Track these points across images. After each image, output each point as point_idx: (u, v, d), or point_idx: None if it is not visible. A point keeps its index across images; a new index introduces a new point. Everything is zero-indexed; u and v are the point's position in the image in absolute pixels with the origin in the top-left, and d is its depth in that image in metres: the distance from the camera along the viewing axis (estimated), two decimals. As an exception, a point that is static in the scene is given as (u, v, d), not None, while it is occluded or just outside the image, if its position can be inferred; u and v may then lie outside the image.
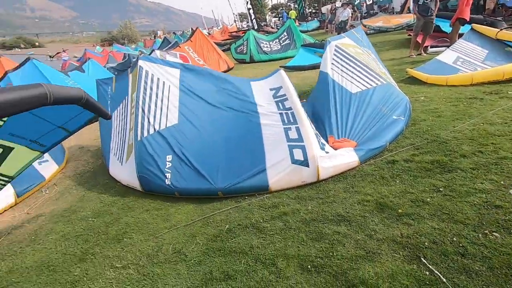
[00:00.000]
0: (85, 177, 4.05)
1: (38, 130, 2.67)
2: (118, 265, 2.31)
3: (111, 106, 4.28)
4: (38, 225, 3.05)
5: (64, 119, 2.80)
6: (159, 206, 3.05)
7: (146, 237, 2.60)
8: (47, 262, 2.47)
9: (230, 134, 3.38)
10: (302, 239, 2.27)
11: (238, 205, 2.82)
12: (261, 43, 12.73)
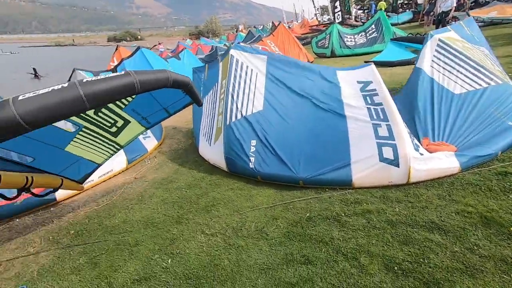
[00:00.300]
0: (178, 153, 4.60)
1: (150, 109, 3.16)
2: (208, 232, 2.60)
3: (203, 92, 4.74)
4: (143, 188, 3.62)
5: (169, 102, 3.25)
6: (242, 187, 3.29)
7: (231, 212, 2.85)
8: (151, 219, 2.93)
9: (313, 124, 3.39)
10: (388, 239, 2.18)
11: (319, 196, 2.84)
12: (345, 37, 12.17)
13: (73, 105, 1.85)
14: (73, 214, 3.24)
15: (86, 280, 2.25)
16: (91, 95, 1.89)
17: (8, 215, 3.25)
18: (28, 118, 1.72)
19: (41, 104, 1.75)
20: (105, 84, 1.99)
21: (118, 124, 2.96)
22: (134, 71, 2.17)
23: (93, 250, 2.59)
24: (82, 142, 2.90)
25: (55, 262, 2.49)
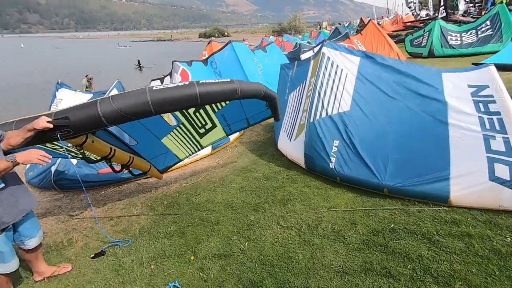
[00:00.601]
0: (257, 145, 4.80)
1: (236, 117, 3.40)
2: (283, 224, 2.67)
3: (289, 88, 4.80)
4: (225, 173, 3.91)
5: (252, 113, 3.43)
6: (319, 186, 3.24)
7: (307, 209, 2.85)
8: (231, 203, 3.15)
9: (406, 129, 3.09)
10: (493, 272, 1.86)
11: (406, 208, 2.60)
12: (449, 35, 10.65)
13: (189, 100, 2.15)
14: (166, 188, 3.71)
15: (175, 245, 2.57)
16: (204, 94, 2.16)
17: (120, 180, 3.92)
18: (156, 104, 2.05)
19: (167, 95, 2.07)
20: (216, 86, 2.27)
21: (207, 127, 3.33)
22: (238, 81, 2.39)
23: (181, 221, 2.93)
24: (176, 137, 3.33)
25: (152, 226, 2.92)
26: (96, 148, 2.45)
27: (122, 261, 2.45)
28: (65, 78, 14.84)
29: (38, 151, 1.73)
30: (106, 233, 2.79)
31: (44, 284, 2.29)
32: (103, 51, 49.63)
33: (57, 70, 24.61)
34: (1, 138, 1.85)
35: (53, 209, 3.48)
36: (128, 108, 2.00)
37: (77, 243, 2.77)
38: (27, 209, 1.96)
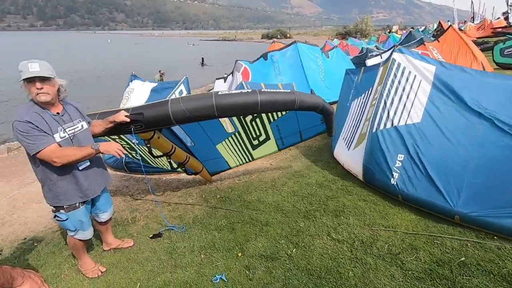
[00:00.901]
0: (312, 150, 4.70)
1: (290, 129, 3.37)
2: (334, 236, 2.55)
3: (352, 95, 4.58)
4: (277, 175, 3.91)
5: (306, 126, 3.35)
6: (377, 201, 3.03)
7: (361, 224, 2.68)
8: (281, 206, 3.13)
9: (492, 151, 2.69)
10: None
11: (482, 242, 2.27)
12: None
13: (250, 107, 2.23)
14: (220, 182, 3.86)
15: (225, 239, 2.65)
16: (264, 102, 2.23)
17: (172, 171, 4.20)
18: (220, 109, 2.18)
19: (231, 101, 2.18)
20: (275, 96, 2.33)
21: (261, 138, 3.39)
22: (298, 92, 2.40)
23: (232, 216, 3.01)
24: (230, 145, 3.46)
25: (204, 216, 3.06)
26: (160, 144, 2.68)
27: (176, 245, 2.62)
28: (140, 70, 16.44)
29: (117, 144, 1.96)
30: (164, 217, 3.01)
31: (110, 253, 2.57)
32: (175, 48, 53.87)
33: (135, 62, 27.54)
34: (89, 123, 2.13)
35: (122, 188, 3.89)
36: (194, 110, 2.17)
37: (139, 222, 3.06)
38: (104, 184, 2.22)
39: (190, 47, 54.90)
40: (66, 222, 2.02)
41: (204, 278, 2.22)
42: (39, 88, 1.71)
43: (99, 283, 2.25)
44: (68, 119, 1.91)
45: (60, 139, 1.82)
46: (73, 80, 17.04)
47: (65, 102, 1.97)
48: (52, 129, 1.79)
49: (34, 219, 3.25)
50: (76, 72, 21.15)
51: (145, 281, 2.24)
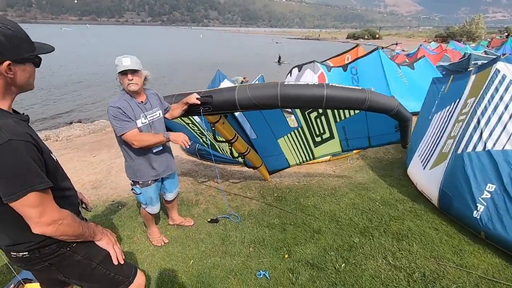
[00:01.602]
0: (382, 164, 4.34)
1: (357, 132, 3.13)
2: (391, 261, 2.34)
3: (436, 107, 4.05)
4: (338, 184, 3.75)
5: (376, 132, 3.06)
6: (451, 233, 2.65)
7: (426, 255, 2.39)
8: (337, 217, 3.01)
9: None
10: None
11: None
12: None
13: (315, 100, 2.18)
14: (279, 181, 3.92)
15: (274, 238, 2.71)
16: (330, 97, 2.14)
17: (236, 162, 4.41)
18: (283, 99, 2.19)
19: (296, 91, 2.17)
20: (344, 92, 2.21)
21: (324, 136, 3.24)
22: (369, 91, 2.23)
23: (285, 217, 3.04)
24: (292, 140, 3.41)
25: (259, 212, 3.16)
26: (224, 129, 2.84)
27: (229, 234, 2.80)
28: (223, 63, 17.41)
29: (185, 136, 2.17)
30: (221, 206, 3.23)
31: (173, 228, 2.90)
32: (258, 45, 55.84)
33: (221, 56, 29.69)
34: (168, 109, 2.42)
35: (192, 172, 4.30)
36: (259, 97, 2.22)
37: (201, 205, 3.35)
38: (172, 167, 2.50)
39: (273, 45, 56.10)
40: (140, 196, 2.36)
41: (248, 270, 2.32)
42: (130, 79, 2.04)
43: (160, 251, 2.57)
44: (149, 107, 2.22)
45: (141, 124, 2.14)
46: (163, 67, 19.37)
47: (148, 92, 2.28)
48: (136, 115, 2.11)
49: (122, 186, 3.87)
50: (170, 61, 23.94)
51: (197, 260, 2.46)
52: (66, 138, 6.57)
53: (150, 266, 2.41)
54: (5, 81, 1.01)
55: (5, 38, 0.96)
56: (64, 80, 16.50)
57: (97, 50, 35.52)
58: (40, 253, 1.16)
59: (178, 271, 2.34)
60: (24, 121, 1.11)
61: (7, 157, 0.94)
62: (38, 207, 1.03)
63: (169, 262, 2.45)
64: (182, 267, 2.39)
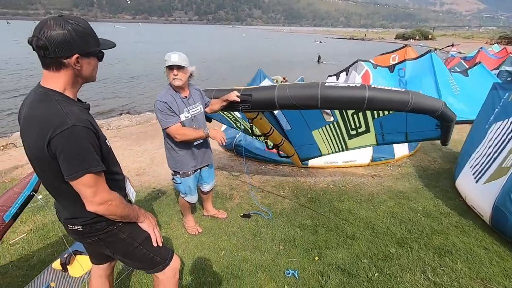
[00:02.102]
0: (427, 173, 4.05)
1: (394, 128, 2.94)
2: (431, 277, 2.19)
3: (495, 116, 3.66)
4: (376, 190, 3.59)
5: (415, 128, 2.84)
6: (504, 254, 2.40)
7: (473, 276, 2.20)
8: (373, 224, 2.89)
9: None
10: None
11: None
12: None
13: (356, 102, 2.10)
14: (313, 182, 3.86)
15: (305, 239, 2.68)
16: (372, 100, 2.06)
17: (280, 162, 4.42)
18: (323, 100, 2.15)
19: (336, 93, 2.12)
20: (386, 94, 2.10)
21: (359, 130, 3.12)
22: (413, 92, 2.10)
23: (317, 219, 2.99)
24: (326, 132, 3.33)
25: (291, 211, 3.15)
26: (261, 124, 2.87)
27: (260, 230, 2.83)
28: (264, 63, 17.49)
29: (223, 133, 2.26)
30: (254, 202, 3.27)
31: (207, 219, 3.02)
32: (300, 44, 55.17)
33: (262, 55, 29.92)
34: (207, 104, 2.51)
35: (228, 167, 4.41)
36: (298, 98, 2.19)
37: (234, 199, 3.43)
38: (210, 160, 2.60)
39: (315, 44, 55.02)
40: (180, 185, 2.49)
41: (277, 267, 2.33)
42: (175, 74, 2.15)
43: (194, 240, 2.69)
44: (192, 102, 2.32)
45: (184, 118, 2.25)
46: (208, 64, 20.05)
47: (192, 87, 2.38)
48: (180, 109, 2.22)
49: (163, 175, 4.11)
50: (212, 59, 24.70)
51: (228, 251, 2.54)
52: (116, 127, 7.13)
53: (184, 252, 2.54)
54: (73, 72, 1.14)
55: (76, 34, 1.08)
56: (118, 74, 17.88)
57: (149, 47, 37.86)
58: (91, 228, 1.29)
59: (209, 260, 2.44)
60: (86, 109, 1.24)
61: (70, 141, 1.06)
62: (93, 187, 1.14)
63: (201, 251, 2.55)
64: (213, 257, 2.48)
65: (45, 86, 1.13)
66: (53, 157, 1.08)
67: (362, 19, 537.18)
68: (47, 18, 1.07)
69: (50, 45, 1.03)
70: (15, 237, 2.75)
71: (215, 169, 3.03)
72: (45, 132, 1.04)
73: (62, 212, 1.32)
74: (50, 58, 1.07)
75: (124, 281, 2.22)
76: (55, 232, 2.79)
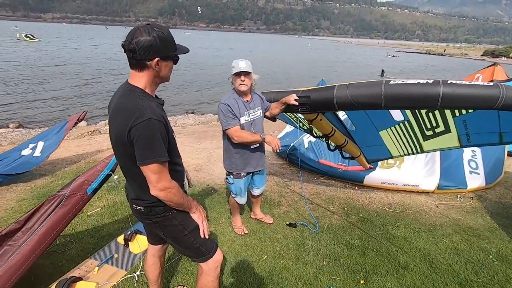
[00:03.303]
0: (508, 211, 3.48)
1: (483, 127, 2.49)
2: (499, 331, 1.89)
3: None
4: (440, 222, 3.22)
5: (511, 127, 2.38)
6: None
7: None
8: (432, 258, 2.61)
9: None
10: None
11: None
12: None
13: (427, 101, 1.88)
14: (367, 201, 3.65)
15: (351, 259, 2.55)
16: (448, 97, 1.81)
17: (332, 176, 4.30)
18: (388, 99, 1.98)
19: (403, 91, 1.93)
20: (469, 90, 1.82)
21: (437, 130, 2.73)
22: (506, 86, 1.79)
23: (367, 241, 2.82)
24: (395, 132, 3.00)
25: (339, 228, 3.03)
26: (322, 125, 2.81)
27: (305, 241, 2.79)
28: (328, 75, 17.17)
29: (278, 141, 2.32)
30: (302, 213, 3.24)
31: (254, 222, 3.09)
32: (370, 58, 52.76)
33: (326, 66, 29.47)
34: (267, 108, 2.59)
35: (279, 174, 4.45)
36: (359, 97, 2.05)
37: (282, 207, 3.45)
38: (263, 165, 2.67)
39: (388, 57, 51.93)
40: (232, 186, 2.62)
41: (318, 282, 2.28)
42: (242, 80, 2.29)
43: (239, 239, 2.79)
44: (253, 106, 2.43)
45: (244, 121, 2.37)
46: (268, 73, 20.49)
47: (253, 92, 2.49)
48: (241, 113, 2.35)
49: (217, 174, 4.35)
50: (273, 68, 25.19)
51: (270, 257, 2.56)
52: (181, 124, 7.79)
53: (228, 249, 2.65)
54: (153, 73, 1.32)
55: (159, 40, 1.25)
56: (189, 78, 19.52)
57: (216, 54, 40.41)
58: (151, 211, 1.46)
59: (251, 262, 2.49)
60: (161, 104, 1.42)
61: (146, 131, 1.23)
62: (157, 174, 1.29)
63: (245, 252, 2.63)
64: (255, 259, 2.53)
65: (131, 83, 1.33)
66: (131, 143, 1.26)
67: (442, 32, 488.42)
68: (138, 26, 1.27)
69: (138, 48, 1.22)
70: (92, 210, 3.21)
71: (267, 174, 3.10)
72: (127, 121, 1.23)
73: (130, 193, 1.52)
74: (137, 59, 1.26)
75: (173, 265, 2.41)
76: (123, 210, 3.17)
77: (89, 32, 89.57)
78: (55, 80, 16.59)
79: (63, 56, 27.86)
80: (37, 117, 10.14)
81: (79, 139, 6.28)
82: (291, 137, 5.17)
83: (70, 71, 19.76)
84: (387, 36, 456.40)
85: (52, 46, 37.15)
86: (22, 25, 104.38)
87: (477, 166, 4.19)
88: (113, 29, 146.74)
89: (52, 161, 4.67)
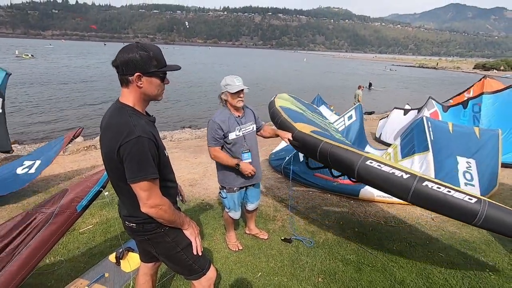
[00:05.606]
0: None
1: None
2: None
3: None
4: (435, 235, 3.20)
5: None
6: None
7: None
8: (427, 272, 2.57)
9: None
10: None
11: None
12: None
13: (397, 192, 2.03)
14: (363, 215, 3.63)
15: (347, 275, 2.52)
16: (419, 196, 1.94)
17: (328, 189, 4.29)
18: (360, 173, 2.12)
19: (375, 173, 2.04)
20: (443, 197, 1.89)
21: None
22: (489, 203, 1.85)
23: (363, 256, 2.79)
24: None
25: (335, 243, 3.00)
26: None
27: (300, 257, 2.76)
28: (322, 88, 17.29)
29: (253, 168, 2.41)
30: (297, 227, 3.21)
31: (249, 237, 3.05)
32: (367, 71, 53.72)
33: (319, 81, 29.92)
34: (260, 127, 2.62)
35: (274, 188, 4.43)
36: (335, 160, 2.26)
37: (277, 222, 3.41)
38: (256, 180, 2.66)
39: (387, 71, 53.01)
40: (225, 200, 2.60)
41: (314, 300, 2.23)
42: (241, 97, 2.32)
43: (233, 256, 2.74)
44: (245, 121, 2.45)
45: (235, 136, 2.38)
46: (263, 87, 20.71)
47: (246, 107, 2.52)
48: (231, 128, 2.36)
49: (212, 189, 4.32)
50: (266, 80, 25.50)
51: (265, 274, 2.52)
52: (178, 139, 7.79)
53: (222, 266, 2.60)
54: (138, 89, 1.33)
55: (140, 56, 1.26)
56: (186, 92, 19.67)
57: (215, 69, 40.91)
58: (143, 227, 1.44)
59: (245, 279, 2.45)
60: (152, 121, 1.43)
61: (135, 149, 1.24)
62: (147, 191, 1.29)
63: (239, 268, 2.58)
64: (249, 276, 2.49)
65: (121, 101, 1.35)
66: (120, 161, 1.26)
67: (435, 47, 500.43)
68: (127, 44, 1.31)
69: (119, 63, 1.26)
70: (84, 227, 3.16)
71: (261, 189, 3.09)
72: (117, 139, 1.24)
73: (122, 209, 1.51)
74: (120, 75, 1.30)
75: (165, 283, 2.36)
76: (115, 227, 3.12)
77: (90, 48, 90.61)
78: (52, 96, 16.66)
79: (59, 72, 28.09)
80: (33, 134, 10.11)
81: (74, 154, 6.25)
82: (286, 152, 5.18)
83: (65, 88, 19.88)
84: (381, 50, 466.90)
85: (47, 62, 37.59)
86: (22, 42, 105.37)
87: (472, 177, 4.21)
88: (111, 45, 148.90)
89: (45, 177, 4.63)
